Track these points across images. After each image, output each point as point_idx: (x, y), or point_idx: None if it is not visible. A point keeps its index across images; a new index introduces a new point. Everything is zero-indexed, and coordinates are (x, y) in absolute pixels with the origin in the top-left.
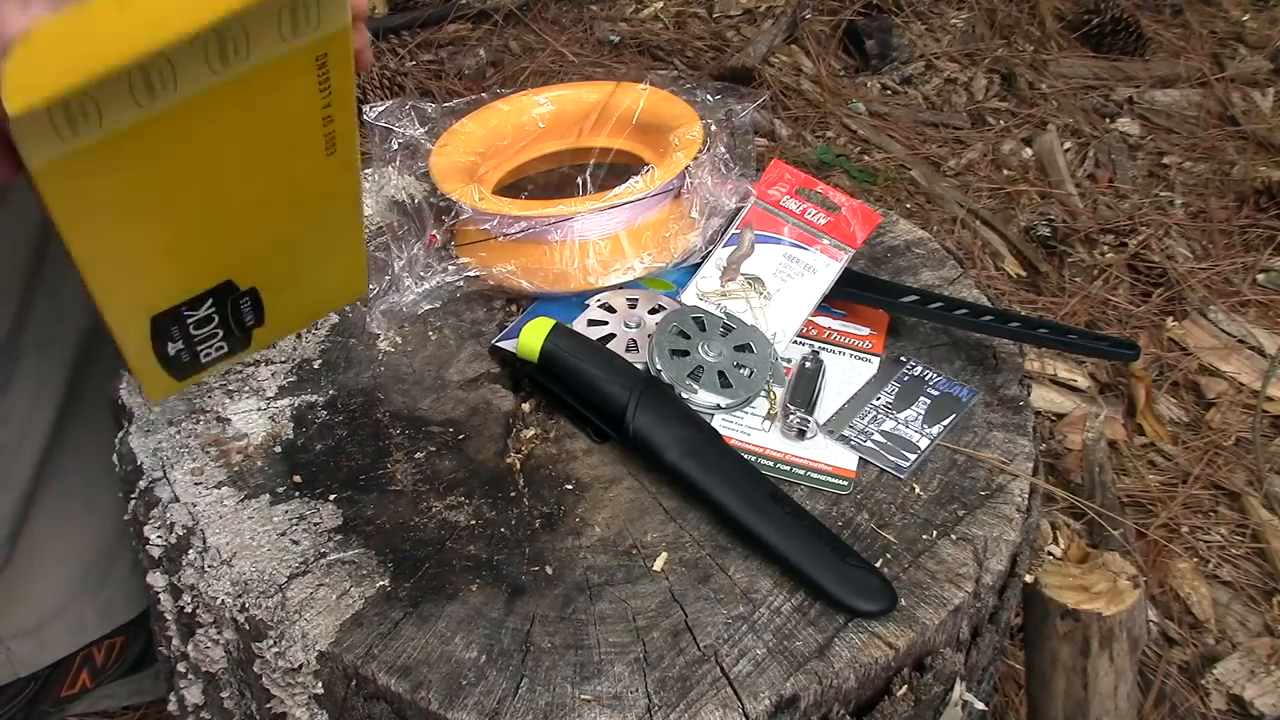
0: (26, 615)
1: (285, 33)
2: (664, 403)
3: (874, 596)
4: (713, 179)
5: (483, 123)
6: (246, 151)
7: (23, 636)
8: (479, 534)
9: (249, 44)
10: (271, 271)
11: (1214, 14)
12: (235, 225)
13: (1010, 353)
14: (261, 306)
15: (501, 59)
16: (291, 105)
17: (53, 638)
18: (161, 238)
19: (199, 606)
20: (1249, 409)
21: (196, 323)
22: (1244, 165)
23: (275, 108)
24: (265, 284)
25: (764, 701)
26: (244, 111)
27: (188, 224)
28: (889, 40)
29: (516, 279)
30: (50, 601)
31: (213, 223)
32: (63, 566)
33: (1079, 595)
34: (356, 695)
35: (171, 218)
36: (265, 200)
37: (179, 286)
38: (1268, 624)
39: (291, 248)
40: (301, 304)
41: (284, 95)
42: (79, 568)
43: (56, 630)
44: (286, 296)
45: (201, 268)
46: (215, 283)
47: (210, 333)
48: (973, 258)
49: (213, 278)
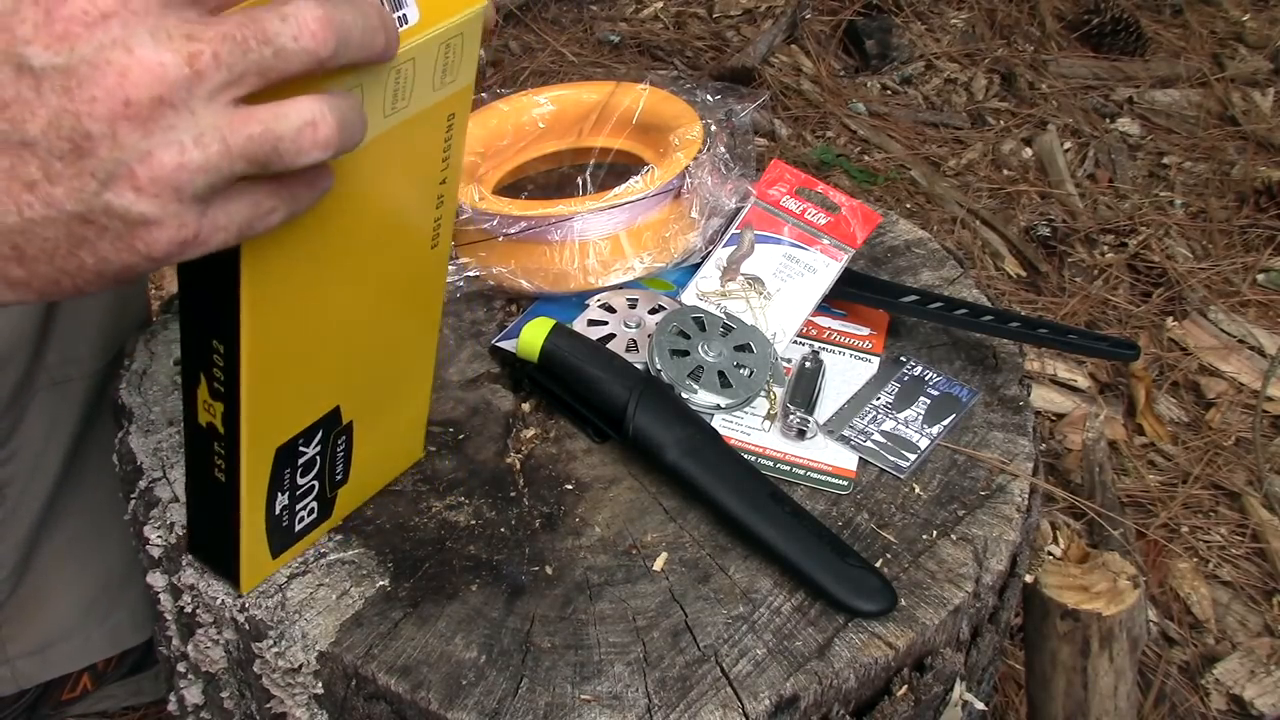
0: (33, 637)
1: (437, 79)
2: (664, 403)
3: (874, 596)
4: (713, 179)
5: (483, 123)
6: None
7: (28, 656)
8: (479, 534)
9: (414, 86)
10: (366, 403)
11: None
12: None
13: (1010, 353)
14: (351, 453)
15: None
16: (418, 174)
17: (58, 656)
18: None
19: (199, 606)
20: (1249, 409)
21: (304, 466)
22: (1244, 165)
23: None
24: (359, 419)
25: (764, 701)
26: (385, 175)
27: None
28: (889, 40)
29: (516, 279)
30: (57, 625)
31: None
32: (71, 594)
33: (1079, 595)
34: (356, 695)
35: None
36: (378, 295)
37: (305, 404)
38: (1268, 624)
39: (385, 370)
40: (380, 456)
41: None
42: (87, 594)
43: (62, 650)
44: (371, 443)
45: (320, 383)
46: (326, 409)
47: (309, 485)
48: (973, 258)
49: (324, 402)
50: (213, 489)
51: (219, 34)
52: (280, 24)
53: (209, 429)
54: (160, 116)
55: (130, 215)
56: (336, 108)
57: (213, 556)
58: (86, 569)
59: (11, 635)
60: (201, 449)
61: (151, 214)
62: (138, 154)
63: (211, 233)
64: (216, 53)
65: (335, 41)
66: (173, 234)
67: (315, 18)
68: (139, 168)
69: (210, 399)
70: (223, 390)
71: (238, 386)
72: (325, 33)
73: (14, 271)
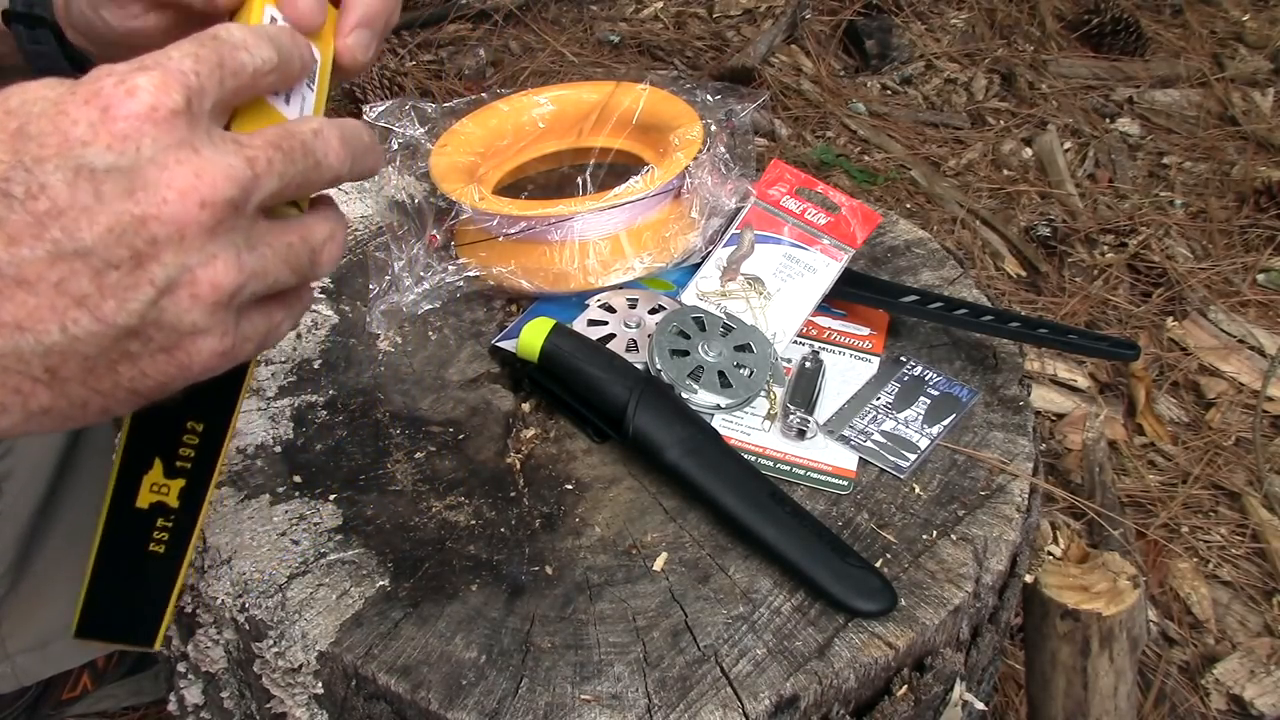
0: (33, 633)
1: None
2: (664, 403)
3: (874, 596)
4: (713, 179)
5: (483, 123)
6: None
7: (28, 652)
8: (479, 534)
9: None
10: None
11: (1214, 14)
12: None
13: (1010, 353)
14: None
15: (501, 59)
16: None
17: (58, 653)
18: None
19: (199, 606)
20: (1249, 409)
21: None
22: (1244, 165)
23: None
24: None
25: (764, 701)
26: None
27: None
28: (889, 40)
29: (516, 279)
30: (57, 621)
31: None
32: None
33: (1079, 595)
34: (356, 695)
35: None
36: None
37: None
38: (1268, 624)
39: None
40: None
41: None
42: None
43: (62, 646)
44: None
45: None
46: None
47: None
48: (973, 258)
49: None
50: (147, 565)
51: (267, 143)
52: (314, 139)
53: (152, 509)
54: (226, 220)
55: (182, 325)
56: (341, 223)
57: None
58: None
59: (11, 631)
60: (133, 532)
61: (202, 324)
62: (201, 259)
63: (242, 345)
64: (270, 160)
65: (350, 159)
66: (215, 344)
67: (337, 137)
68: (201, 273)
69: (165, 479)
70: (189, 466)
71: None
72: (345, 152)
73: (41, 398)
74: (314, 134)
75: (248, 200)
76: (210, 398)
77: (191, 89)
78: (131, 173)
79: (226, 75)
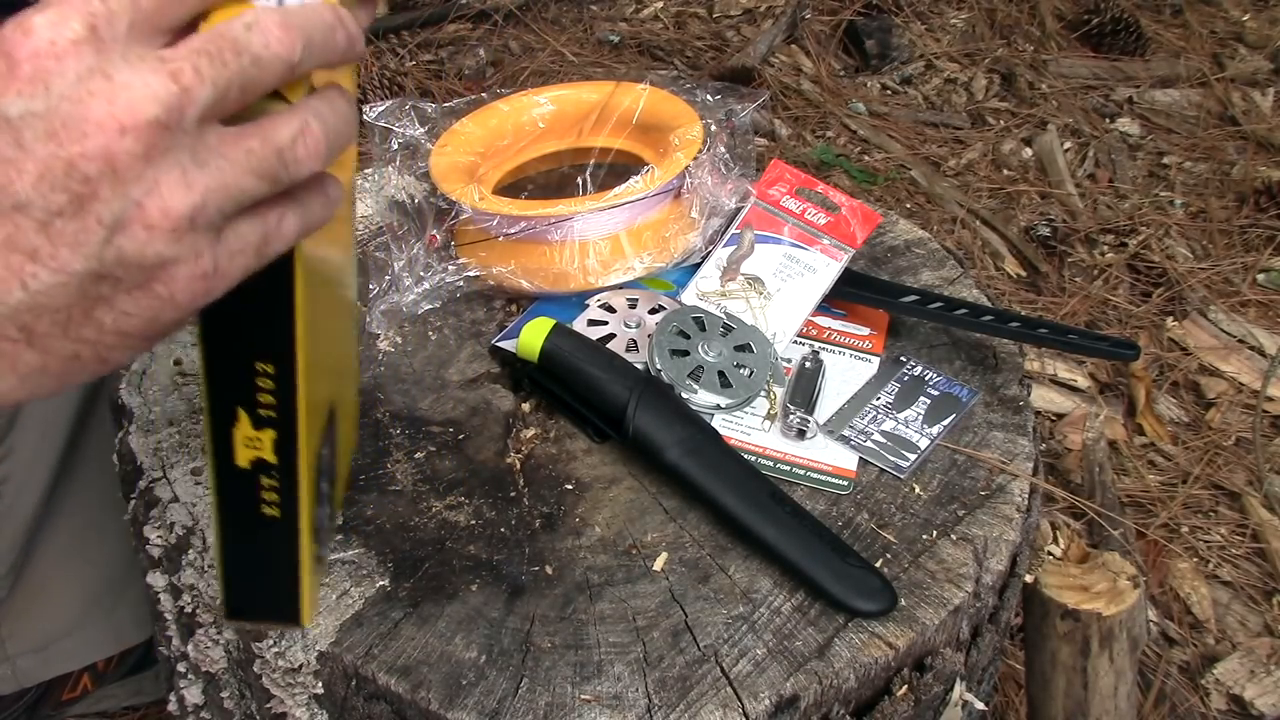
0: (34, 635)
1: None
2: (664, 403)
3: (874, 596)
4: (713, 179)
5: (483, 123)
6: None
7: (29, 654)
8: (479, 534)
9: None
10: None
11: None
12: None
13: (1010, 353)
14: (336, 446)
15: (501, 59)
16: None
17: (59, 655)
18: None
19: (199, 606)
20: (1249, 409)
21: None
22: (1244, 165)
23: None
24: (338, 410)
25: (764, 701)
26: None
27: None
28: (889, 40)
29: (516, 279)
30: (58, 623)
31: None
32: (73, 590)
33: (1079, 595)
34: (356, 695)
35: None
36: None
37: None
38: (1268, 624)
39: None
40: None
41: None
42: (90, 592)
43: (63, 648)
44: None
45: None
46: (329, 405)
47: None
48: (973, 258)
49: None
50: (264, 531)
51: (192, 51)
52: (247, 33)
53: (254, 466)
54: (158, 141)
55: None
56: (317, 113)
57: (264, 608)
58: (86, 566)
59: (11, 633)
60: (243, 494)
61: (168, 253)
62: (143, 187)
63: (229, 261)
64: (197, 68)
65: (301, 44)
66: (192, 269)
67: (276, 23)
68: (148, 202)
69: (254, 431)
70: (275, 415)
71: (294, 401)
72: (290, 36)
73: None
74: (246, 28)
75: (181, 116)
76: (266, 330)
77: (97, 14)
78: (48, 115)
79: None
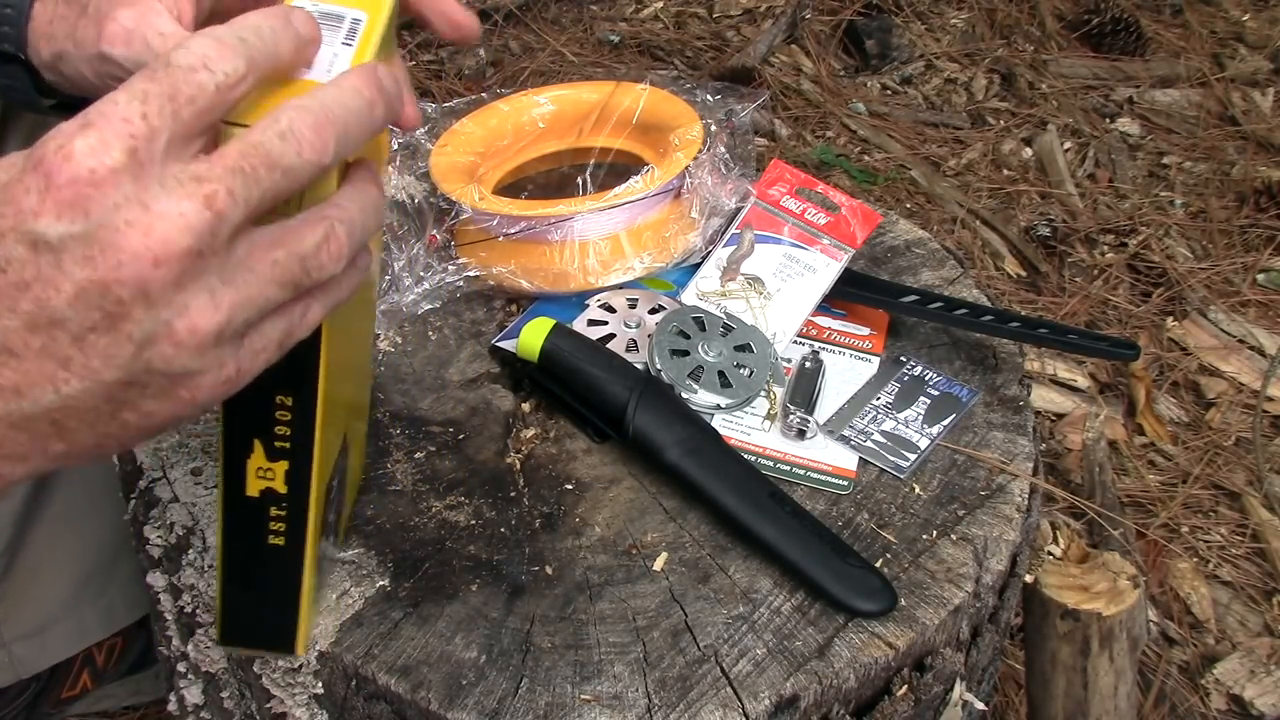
0: (29, 618)
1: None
2: (664, 403)
3: (874, 596)
4: (713, 179)
5: (483, 123)
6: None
7: (25, 639)
8: (479, 534)
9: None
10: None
11: (1214, 14)
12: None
13: (1010, 353)
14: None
15: (501, 59)
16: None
17: (55, 640)
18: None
19: (199, 606)
20: (1249, 409)
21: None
22: (1244, 165)
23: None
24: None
25: (764, 701)
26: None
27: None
28: (889, 40)
29: (516, 279)
30: (53, 605)
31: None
32: (65, 571)
33: (1079, 595)
34: (356, 695)
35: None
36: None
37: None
38: (1268, 624)
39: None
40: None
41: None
42: (81, 572)
43: (59, 633)
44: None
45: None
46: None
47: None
48: (973, 258)
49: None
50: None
51: (228, 170)
52: (281, 144)
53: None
54: (190, 268)
55: (172, 370)
56: (342, 213)
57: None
58: (78, 545)
59: (6, 616)
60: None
61: (194, 366)
62: (174, 310)
63: (252, 361)
64: (230, 189)
65: (334, 142)
66: (215, 378)
67: (310, 126)
68: (177, 323)
69: (268, 462)
70: (289, 446)
71: (311, 434)
72: (323, 137)
73: (54, 446)
74: (281, 138)
75: (213, 240)
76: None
77: (137, 137)
78: (86, 240)
79: (182, 105)
